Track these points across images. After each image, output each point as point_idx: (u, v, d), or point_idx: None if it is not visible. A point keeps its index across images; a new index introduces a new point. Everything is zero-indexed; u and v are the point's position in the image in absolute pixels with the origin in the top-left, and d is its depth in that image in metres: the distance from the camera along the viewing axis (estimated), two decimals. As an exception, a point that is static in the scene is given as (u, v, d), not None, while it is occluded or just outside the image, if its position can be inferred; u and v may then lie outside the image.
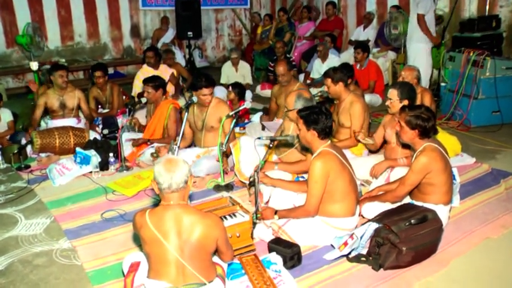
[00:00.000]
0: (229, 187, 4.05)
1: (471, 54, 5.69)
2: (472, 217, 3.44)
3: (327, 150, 2.97)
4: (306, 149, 3.51)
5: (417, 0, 6.11)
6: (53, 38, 9.21)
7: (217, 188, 4.07)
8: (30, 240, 3.32)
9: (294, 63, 7.84)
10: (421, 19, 6.14)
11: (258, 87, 7.96)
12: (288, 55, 7.96)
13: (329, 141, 3.04)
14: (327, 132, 2.99)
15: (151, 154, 4.46)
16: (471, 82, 5.67)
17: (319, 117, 2.95)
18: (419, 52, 6.25)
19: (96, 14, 9.60)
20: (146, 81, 4.83)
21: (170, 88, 6.56)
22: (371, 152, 4.28)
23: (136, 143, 4.75)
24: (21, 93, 8.45)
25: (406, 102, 3.67)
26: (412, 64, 5.72)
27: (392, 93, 3.74)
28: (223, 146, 4.00)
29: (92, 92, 6.09)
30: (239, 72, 7.73)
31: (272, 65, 7.86)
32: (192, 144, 4.71)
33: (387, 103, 3.83)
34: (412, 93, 3.75)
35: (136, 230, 2.31)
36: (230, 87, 6.14)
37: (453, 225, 3.29)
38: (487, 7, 6.93)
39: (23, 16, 8.67)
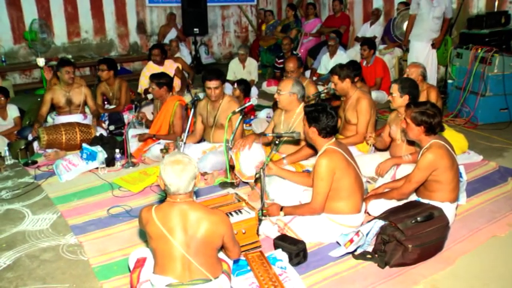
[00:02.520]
0: (235, 184, 4.05)
1: (479, 51, 5.65)
2: (479, 215, 3.43)
3: (332, 148, 2.97)
4: (311, 147, 3.51)
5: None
6: (60, 34, 9.24)
7: (223, 184, 4.07)
8: (37, 236, 3.34)
9: (301, 60, 7.81)
10: (408, 18, 6.35)
11: (264, 84, 7.95)
12: (294, 52, 7.93)
13: (334, 139, 3.03)
14: (328, 131, 2.98)
15: (161, 150, 4.46)
16: (479, 79, 5.64)
17: (320, 115, 2.95)
18: (420, 50, 6.23)
19: (102, 10, 9.61)
20: (152, 77, 4.85)
21: (176, 83, 6.58)
22: (377, 149, 4.27)
23: (142, 138, 4.77)
24: (28, 89, 8.50)
25: (406, 97, 3.70)
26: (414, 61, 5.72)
27: (394, 87, 3.78)
28: (230, 142, 4.00)
29: (99, 87, 6.11)
30: (246, 69, 7.71)
31: (279, 61, 7.84)
32: (202, 139, 4.70)
33: (389, 97, 3.87)
34: (413, 89, 3.75)
35: (142, 225, 2.31)
36: (235, 84, 6.13)
37: (460, 223, 3.27)
38: (496, 3, 6.86)
39: (30, 12, 8.69)
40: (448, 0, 6.09)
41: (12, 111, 5.47)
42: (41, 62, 7.35)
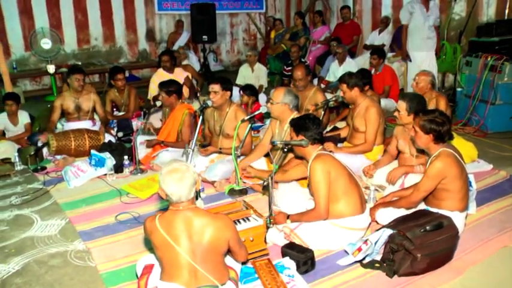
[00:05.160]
0: (243, 192, 4.04)
1: (489, 59, 5.62)
2: (489, 225, 3.39)
3: (322, 153, 3.08)
4: (300, 158, 3.50)
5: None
6: (70, 42, 9.35)
7: (232, 192, 4.05)
8: (46, 241, 3.35)
9: (308, 68, 7.80)
10: (402, 28, 6.50)
11: (272, 92, 7.93)
12: (302, 59, 7.94)
13: (321, 146, 3.14)
14: (316, 138, 3.10)
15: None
16: (488, 87, 5.60)
17: (307, 121, 3.11)
18: (421, 60, 6.23)
19: (112, 18, 9.71)
20: (161, 85, 4.87)
21: (185, 91, 6.61)
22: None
23: (150, 144, 4.78)
24: (38, 96, 8.59)
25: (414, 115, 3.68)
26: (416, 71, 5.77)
27: (401, 105, 3.72)
28: (238, 150, 4.00)
29: (109, 94, 6.15)
30: (255, 73, 7.73)
31: (287, 69, 7.84)
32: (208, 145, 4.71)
33: (395, 114, 3.81)
34: (421, 106, 3.71)
35: (147, 235, 2.32)
36: (241, 92, 6.15)
37: (469, 233, 3.24)
38: (506, 11, 6.84)
39: (41, 20, 8.82)
40: (437, 9, 6.28)
41: (23, 117, 5.52)
42: (51, 69, 7.44)
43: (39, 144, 5.03)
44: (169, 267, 2.23)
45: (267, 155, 4.20)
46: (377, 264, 2.85)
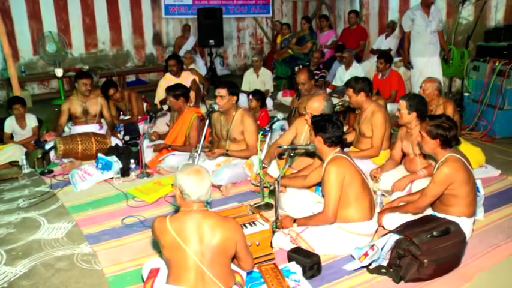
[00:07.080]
0: (269, 206, 3.88)
1: (497, 63, 5.60)
2: (497, 231, 3.36)
3: (339, 155, 3.06)
4: (319, 157, 3.50)
5: None
6: (78, 46, 9.40)
7: (258, 207, 3.86)
8: (53, 244, 3.37)
9: (323, 74, 7.79)
10: (405, 35, 6.48)
11: (279, 94, 7.97)
12: (320, 66, 7.94)
13: (338, 148, 3.12)
14: (333, 141, 3.08)
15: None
16: (496, 92, 5.57)
17: (327, 124, 3.06)
18: (423, 66, 6.22)
19: (119, 22, 9.76)
20: (168, 89, 4.88)
21: (192, 95, 6.62)
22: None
23: (158, 148, 4.80)
24: (45, 99, 8.64)
25: (414, 114, 3.72)
26: (419, 77, 5.75)
27: (402, 104, 3.78)
28: (266, 163, 3.99)
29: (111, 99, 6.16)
30: (260, 78, 7.74)
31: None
32: None
33: (396, 113, 3.88)
34: (421, 106, 3.76)
35: (155, 235, 2.32)
36: (251, 96, 6.15)
37: (477, 239, 3.21)
38: (515, 15, 6.82)
39: (49, 24, 8.87)
40: (440, 14, 6.22)
41: (31, 120, 5.55)
42: (59, 72, 7.49)
43: (47, 147, 5.06)
44: (177, 269, 2.23)
45: (280, 156, 4.20)
46: (383, 270, 2.83)
